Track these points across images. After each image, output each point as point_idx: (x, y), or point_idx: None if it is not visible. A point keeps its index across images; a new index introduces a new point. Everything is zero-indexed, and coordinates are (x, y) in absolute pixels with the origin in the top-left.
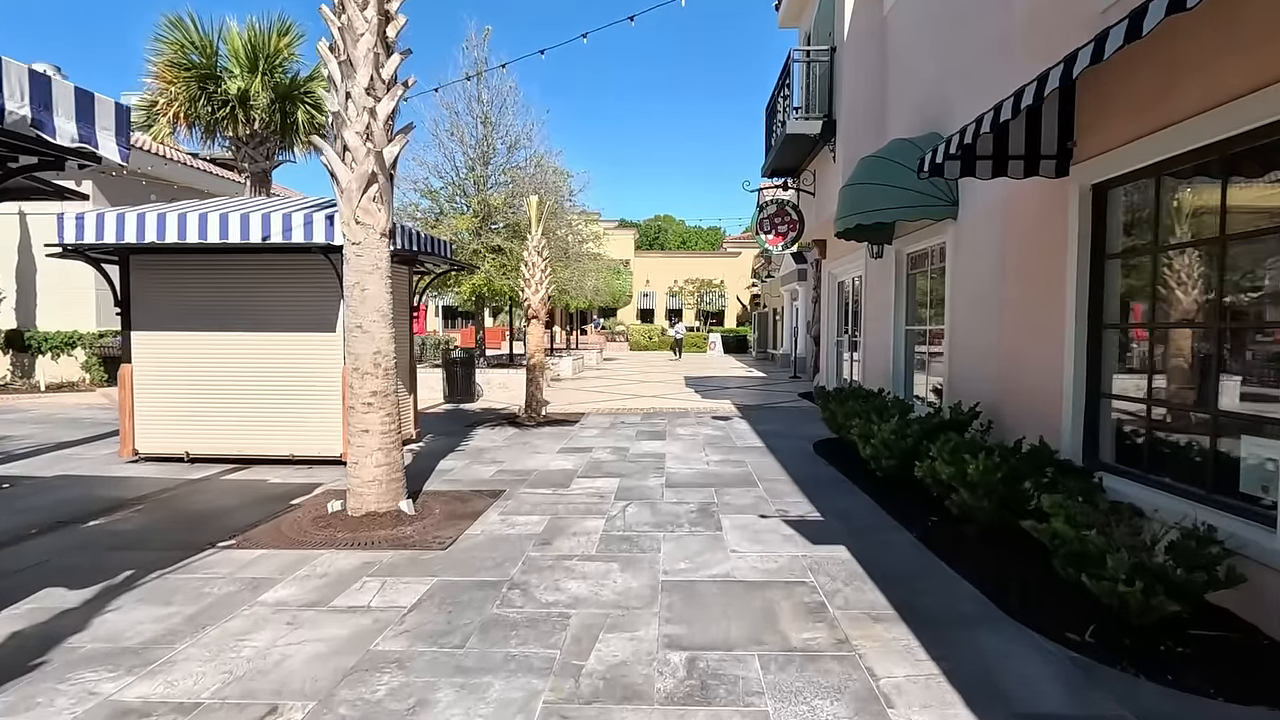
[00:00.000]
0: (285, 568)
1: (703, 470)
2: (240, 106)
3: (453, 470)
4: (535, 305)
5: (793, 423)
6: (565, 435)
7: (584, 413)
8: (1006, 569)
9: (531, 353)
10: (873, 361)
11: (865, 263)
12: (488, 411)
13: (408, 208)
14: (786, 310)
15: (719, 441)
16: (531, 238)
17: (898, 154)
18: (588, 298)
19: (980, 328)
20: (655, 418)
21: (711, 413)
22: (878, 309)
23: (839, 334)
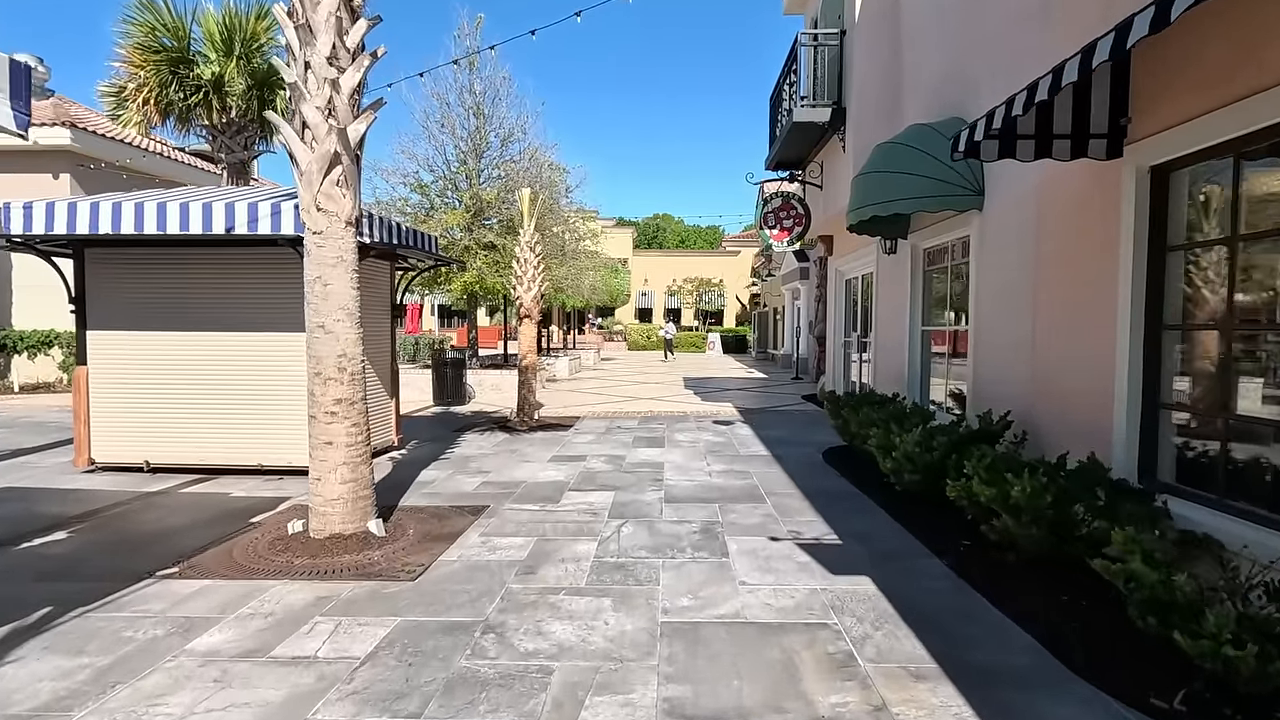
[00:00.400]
0: (228, 603)
1: (704, 482)
2: (215, 93)
3: (434, 482)
4: (528, 304)
5: (798, 428)
6: (558, 441)
7: (579, 416)
8: (1064, 611)
9: (523, 353)
10: (884, 364)
11: (876, 259)
12: (478, 415)
13: (396, 202)
14: (787, 310)
15: (721, 449)
16: (524, 233)
17: (917, 139)
18: (584, 296)
19: (1009, 328)
20: (653, 422)
21: (712, 417)
22: (890, 308)
23: (846, 334)
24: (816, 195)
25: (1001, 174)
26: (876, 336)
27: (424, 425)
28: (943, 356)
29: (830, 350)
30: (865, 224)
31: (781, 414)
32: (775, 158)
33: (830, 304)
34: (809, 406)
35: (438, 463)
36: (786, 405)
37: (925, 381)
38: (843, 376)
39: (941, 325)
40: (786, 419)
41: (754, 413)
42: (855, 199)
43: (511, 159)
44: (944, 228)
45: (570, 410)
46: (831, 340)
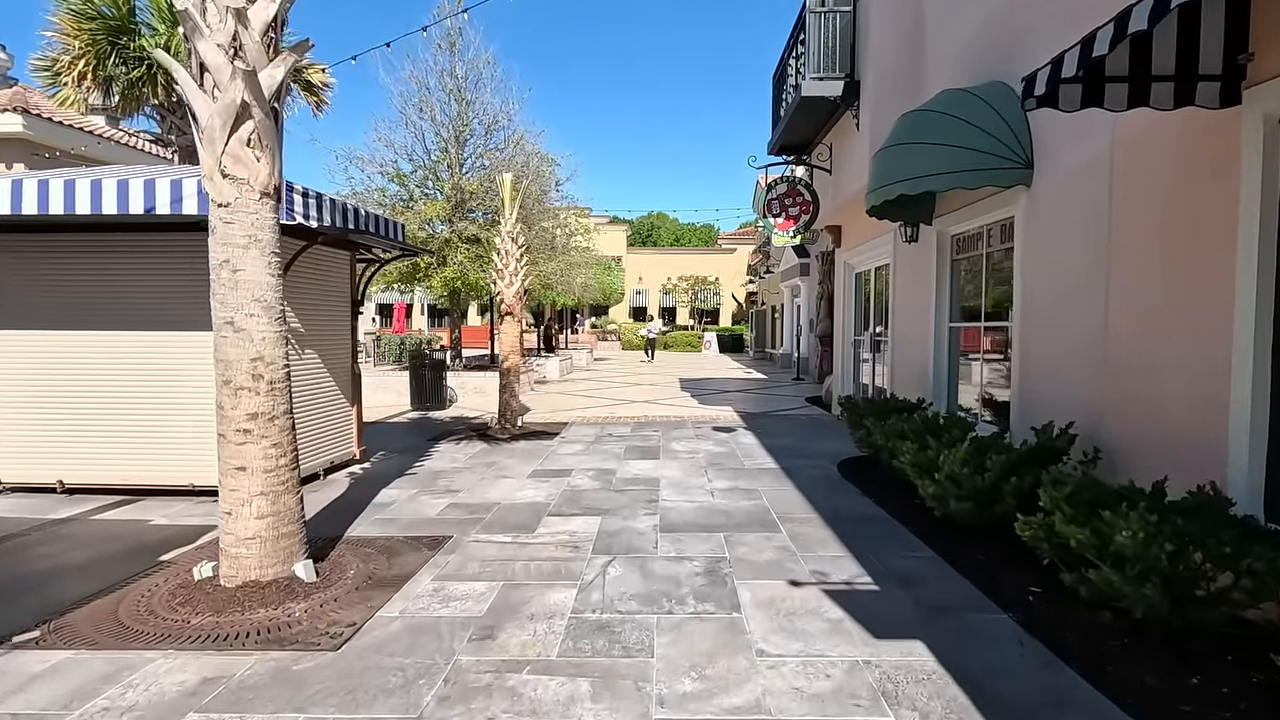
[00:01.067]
0: (80, 690)
1: (706, 504)
2: (165, 72)
3: (393, 504)
4: (509, 300)
5: (806, 435)
6: (541, 452)
7: (566, 422)
8: (1202, 699)
9: (505, 354)
10: (904, 365)
11: (894, 249)
12: (457, 421)
13: (373, 193)
14: (787, 308)
15: (723, 461)
16: (505, 222)
17: (952, 105)
18: (575, 294)
19: (1069, 322)
20: (647, 428)
21: (711, 422)
22: (911, 303)
23: (857, 333)
24: (825, 181)
25: (1059, 140)
26: (894, 335)
27: (396, 433)
28: (975, 357)
29: (839, 350)
30: (886, 206)
31: (786, 419)
32: (779, 141)
33: (839, 300)
34: (814, 411)
35: (402, 479)
36: (790, 409)
37: (953, 385)
38: (852, 378)
39: (974, 322)
40: (792, 425)
41: (756, 418)
42: (877, 177)
43: (496, 147)
44: (979, 210)
45: (558, 415)
46: (840, 339)
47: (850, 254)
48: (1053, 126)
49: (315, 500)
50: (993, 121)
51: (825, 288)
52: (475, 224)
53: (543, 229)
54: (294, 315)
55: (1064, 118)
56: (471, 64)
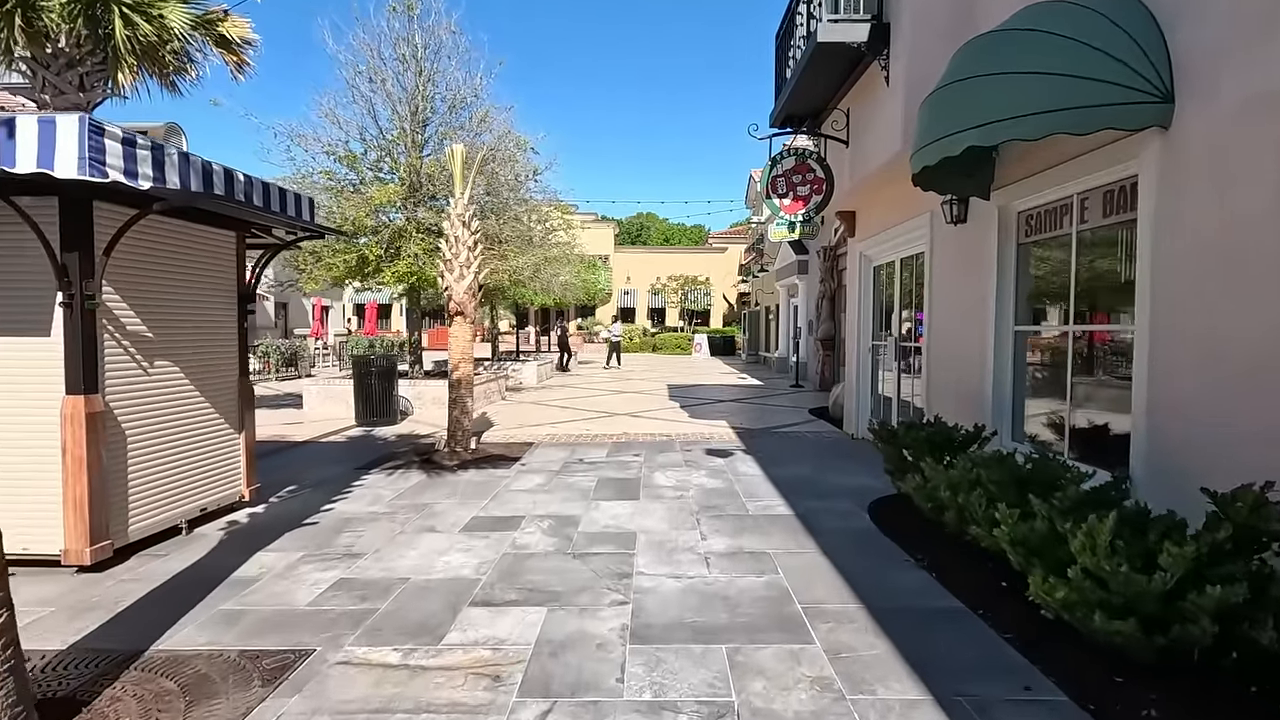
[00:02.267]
0: None
1: (700, 583)
2: (24, 9)
3: (258, 580)
4: (459, 297)
5: (819, 461)
6: (490, 488)
7: (532, 443)
8: None
9: (455, 363)
10: (946, 378)
11: (931, 234)
12: (403, 440)
13: (317, 176)
14: (783, 309)
15: (720, 503)
16: (454, 203)
17: (1047, 19)
18: (555, 293)
19: (1247, 323)
20: (628, 451)
21: (703, 442)
22: (958, 301)
23: (876, 336)
24: (839, 156)
25: (1231, 52)
26: (931, 341)
27: (322, 458)
28: (1051, 370)
29: (852, 357)
30: (935, 173)
31: (791, 438)
32: (784, 109)
33: (853, 298)
34: (822, 426)
35: (293, 534)
36: (793, 424)
37: (1019, 407)
38: (868, 390)
39: (1051, 325)
40: (799, 447)
41: (756, 436)
42: (928, 129)
43: (460, 125)
44: (1066, 172)
45: (525, 431)
46: (853, 344)
47: (867, 244)
48: (1220, 34)
49: (152, 573)
50: (1113, 38)
51: (827, 286)
52: (435, 212)
53: (516, 219)
54: (134, 313)
55: (1239, 19)
56: (431, 31)
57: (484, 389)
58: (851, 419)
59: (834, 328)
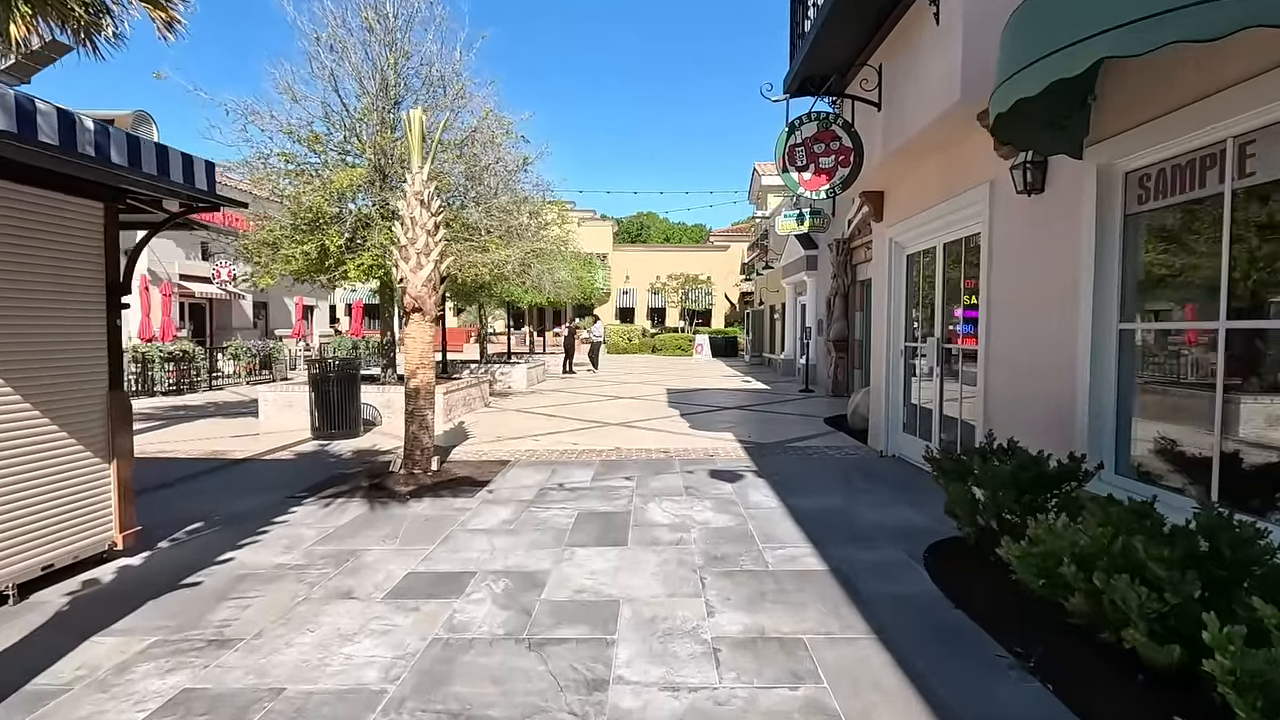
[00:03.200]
0: None
1: (708, 707)
2: None
3: (52, 702)
4: (415, 289)
5: (848, 485)
6: (441, 527)
7: (508, 461)
8: None
9: (411, 368)
10: (1012, 389)
11: (991, 209)
12: (359, 458)
13: (275, 159)
14: (789, 308)
15: (731, 552)
16: (411, 178)
17: None
18: (547, 291)
19: None
20: (616, 473)
21: (707, 461)
22: (1033, 291)
23: (911, 338)
24: (868, 122)
25: None
26: (991, 341)
27: (253, 481)
28: (1184, 382)
29: (880, 361)
30: (1019, 120)
31: (810, 457)
32: (802, 70)
33: (879, 292)
34: (843, 440)
35: (158, 603)
36: (809, 437)
37: (1124, 429)
38: (899, 400)
39: (1176, 320)
40: (820, 466)
41: (768, 452)
42: (1034, 42)
43: (436, 104)
44: (1223, 106)
45: (503, 446)
46: (881, 346)
47: (899, 229)
48: None
49: None
50: None
51: (840, 282)
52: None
53: (504, 210)
54: None
55: None
56: None
57: (464, 395)
58: (879, 433)
59: (848, 327)
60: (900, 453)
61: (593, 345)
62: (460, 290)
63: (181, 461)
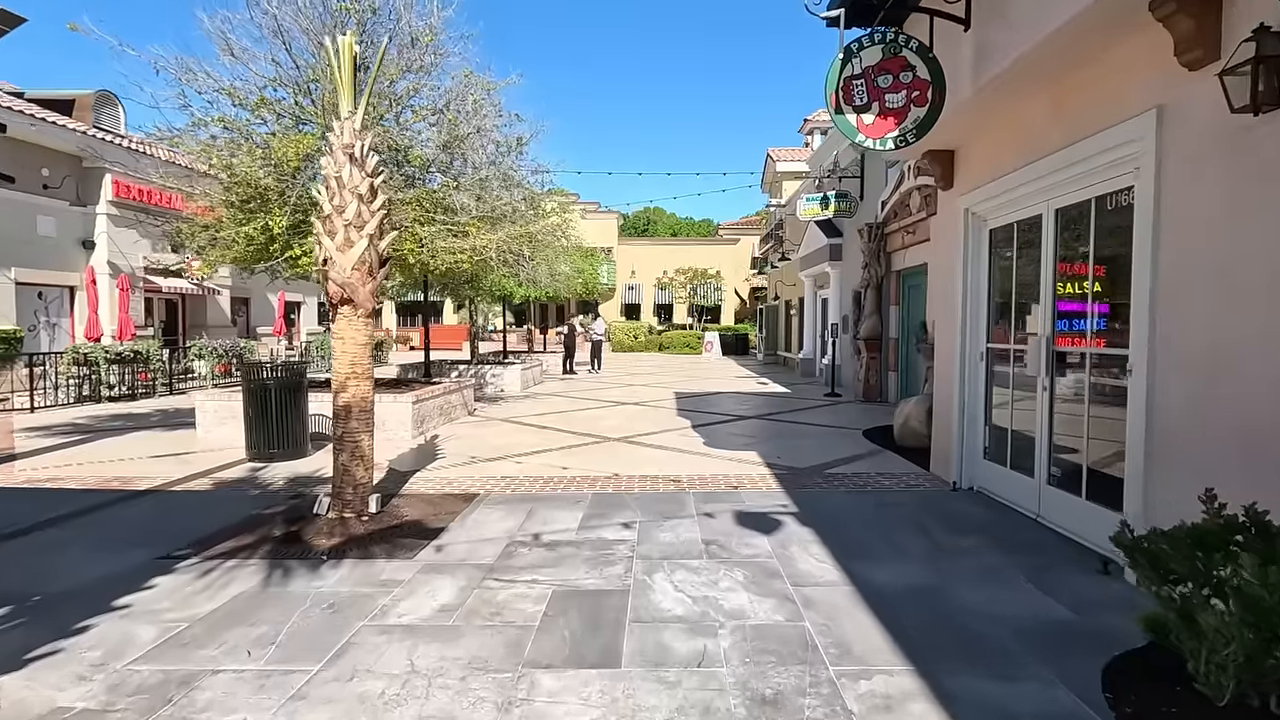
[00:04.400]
0: None
1: None
2: None
3: None
4: (344, 274)
5: (931, 541)
6: (349, 623)
7: (477, 494)
8: None
9: (340, 379)
10: (1209, 415)
11: (1159, 149)
12: (288, 490)
13: (215, 127)
14: (808, 303)
15: (787, 687)
16: (338, 127)
17: None
18: (543, 285)
19: None
20: (613, 516)
21: (730, 496)
22: (1257, 268)
23: (994, 336)
24: (952, 47)
25: None
26: (1165, 342)
27: (132, 527)
28: None
29: (949, 368)
30: None
31: (864, 490)
32: None
33: (951, 278)
34: (895, 463)
35: None
36: (854, 458)
37: None
38: (979, 419)
39: None
40: (882, 507)
41: (808, 483)
42: None
43: (409, 67)
44: None
45: (475, 472)
46: (952, 348)
47: (980, 195)
48: None
49: None
50: None
51: (872, 273)
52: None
53: (481, 183)
54: None
55: None
56: None
57: (441, 404)
58: (948, 459)
59: (881, 324)
60: (982, 486)
61: (595, 344)
62: (442, 283)
63: (65, 494)
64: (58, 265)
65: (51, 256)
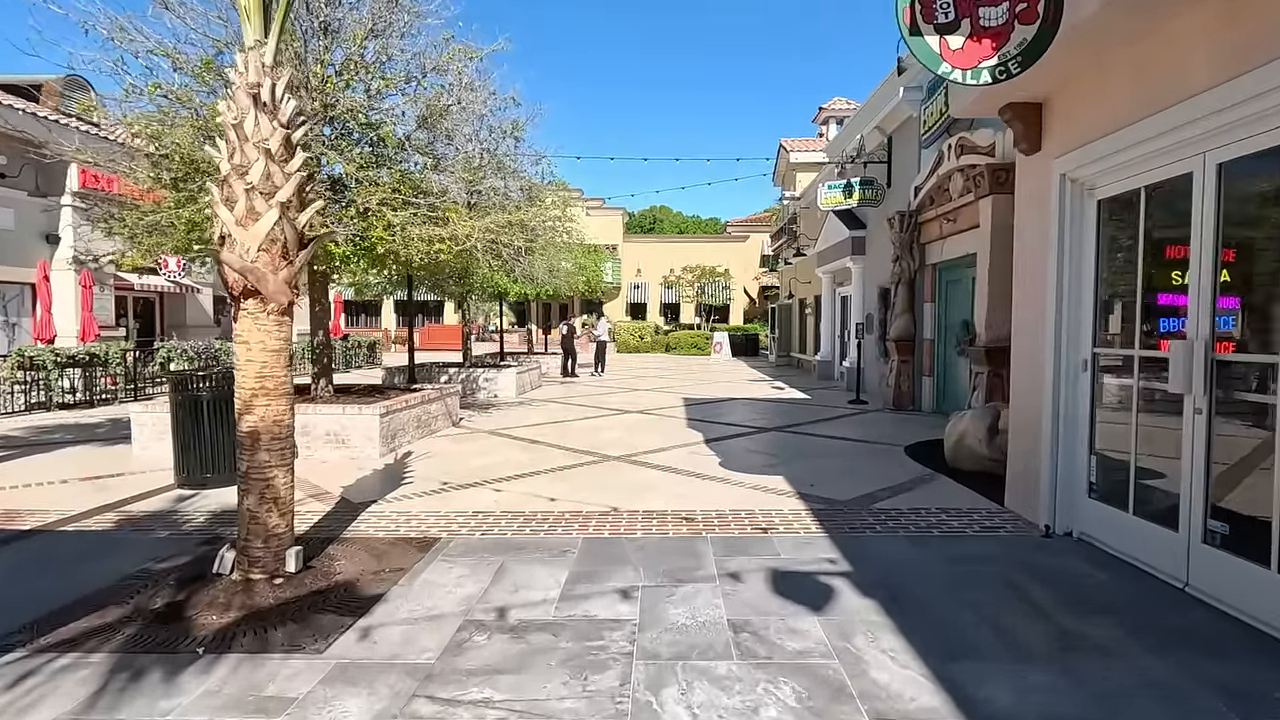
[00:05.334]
0: None
1: None
2: None
3: None
4: (246, 256)
5: (1051, 625)
6: None
7: (436, 539)
8: None
9: (245, 397)
10: None
11: None
12: (212, 525)
13: (149, 96)
14: (826, 301)
15: None
16: (241, 62)
17: None
18: (541, 282)
19: None
20: (607, 578)
21: (759, 545)
22: None
23: (1101, 340)
24: None
25: None
26: None
27: None
28: None
29: (1038, 377)
30: None
31: (927, 536)
32: None
33: (1046, 266)
34: (958, 493)
35: None
36: (903, 487)
37: None
38: (1080, 446)
39: None
40: (961, 564)
41: (854, 520)
42: None
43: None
44: None
45: (442, 505)
46: (1041, 354)
47: (1084, 154)
48: None
49: None
50: None
51: (904, 266)
52: (338, 148)
53: (466, 160)
54: None
55: None
56: None
57: (418, 415)
58: (1034, 494)
59: (914, 323)
60: (1087, 534)
61: (598, 345)
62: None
63: None
64: (17, 260)
65: (10, 251)
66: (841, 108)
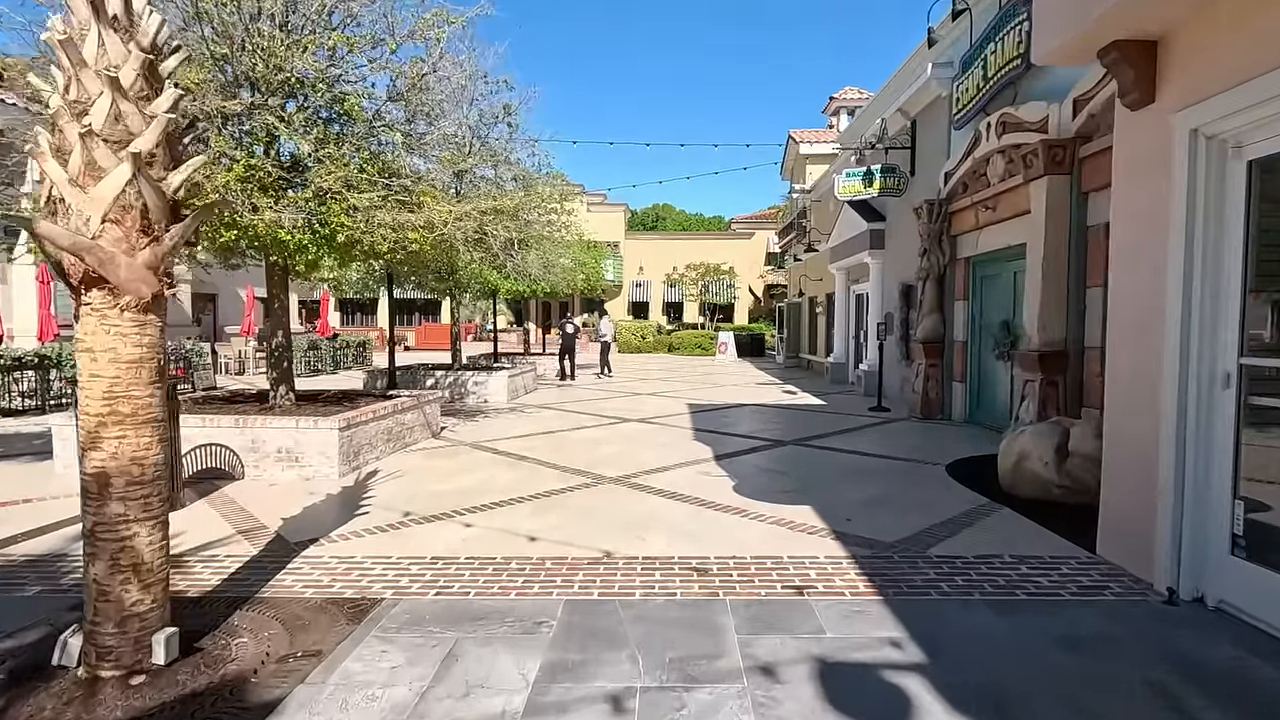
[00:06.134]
0: None
1: None
2: None
3: None
4: (86, 231)
5: None
6: None
7: (377, 601)
8: None
9: (91, 426)
10: None
11: None
12: (54, 590)
13: None
14: (839, 300)
15: None
16: None
17: None
18: (535, 278)
19: None
20: (585, 673)
21: (794, 618)
22: None
23: (1252, 349)
24: None
25: None
26: None
27: None
28: None
29: (1150, 392)
30: None
31: (1015, 596)
32: None
33: (1165, 249)
34: (1045, 539)
35: None
36: (958, 522)
37: None
38: (1221, 484)
39: None
40: (1071, 643)
41: (909, 573)
42: None
43: None
44: None
45: (394, 546)
46: (1158, 364)
47: (1228, 102)
48: None
49: None
50: None
51: (932, 261)
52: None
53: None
54: None
55: None
56: None
57: (389, 426)
58: (1147, 544)
59: (943, 323)
60: (1233, 604)
61: (602, 346)
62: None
63: None
64: None
65: None
66: (853, 97)
